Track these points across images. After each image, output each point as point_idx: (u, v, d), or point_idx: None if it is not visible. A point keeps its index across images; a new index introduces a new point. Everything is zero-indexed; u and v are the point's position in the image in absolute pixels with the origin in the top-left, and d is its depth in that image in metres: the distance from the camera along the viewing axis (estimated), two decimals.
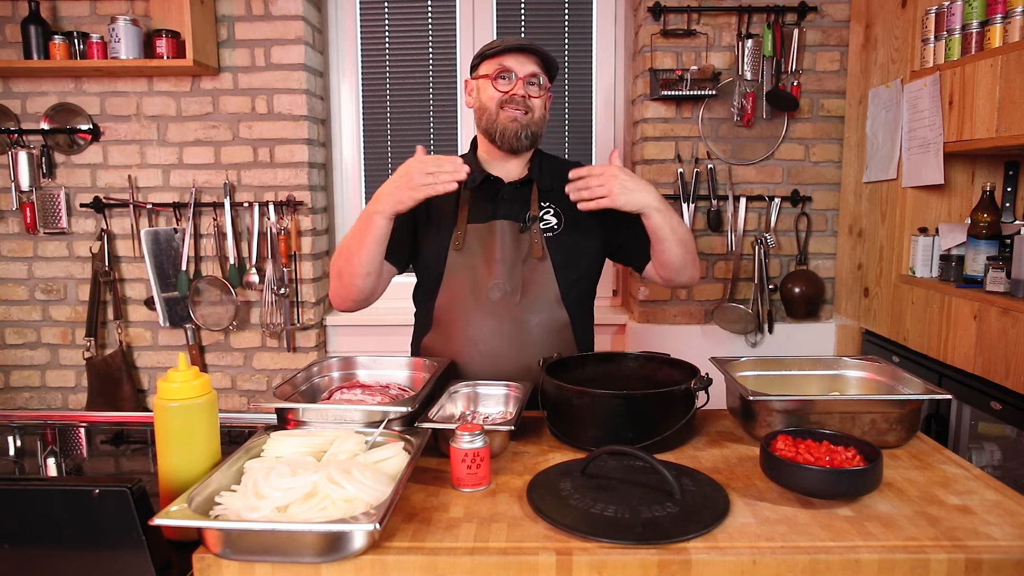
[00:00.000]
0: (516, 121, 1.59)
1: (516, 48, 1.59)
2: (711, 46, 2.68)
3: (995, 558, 0.92)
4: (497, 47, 1.60)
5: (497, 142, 1.63)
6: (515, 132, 1.60)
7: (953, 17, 2.08)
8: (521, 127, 1.60)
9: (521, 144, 1.62)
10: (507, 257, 1.61)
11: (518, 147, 1.63)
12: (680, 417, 1.26)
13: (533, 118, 1.61)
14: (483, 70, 1.62)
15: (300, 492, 0.94)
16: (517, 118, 1.59)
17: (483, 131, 1.66)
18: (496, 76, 1.59)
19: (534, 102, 1.60)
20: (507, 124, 1.60)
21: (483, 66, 1.63)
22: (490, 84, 1.60)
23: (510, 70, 1.58)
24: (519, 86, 1.58)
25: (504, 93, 1.59)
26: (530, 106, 1.60)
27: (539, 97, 1.61)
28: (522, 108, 1.59)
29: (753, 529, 0.98)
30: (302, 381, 1.45)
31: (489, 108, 1.61)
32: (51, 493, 0.93)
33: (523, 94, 1.59)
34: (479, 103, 1.64)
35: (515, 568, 0.92)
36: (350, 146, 3.02)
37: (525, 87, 1.59)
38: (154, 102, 2.73)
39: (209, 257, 2.80)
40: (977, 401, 1.98)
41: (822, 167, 2.76)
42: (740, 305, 2.74)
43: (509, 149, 1.64)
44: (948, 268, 2.20)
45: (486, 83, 1.61)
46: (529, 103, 1.59)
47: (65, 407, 2.87)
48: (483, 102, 1.63)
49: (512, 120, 1.59)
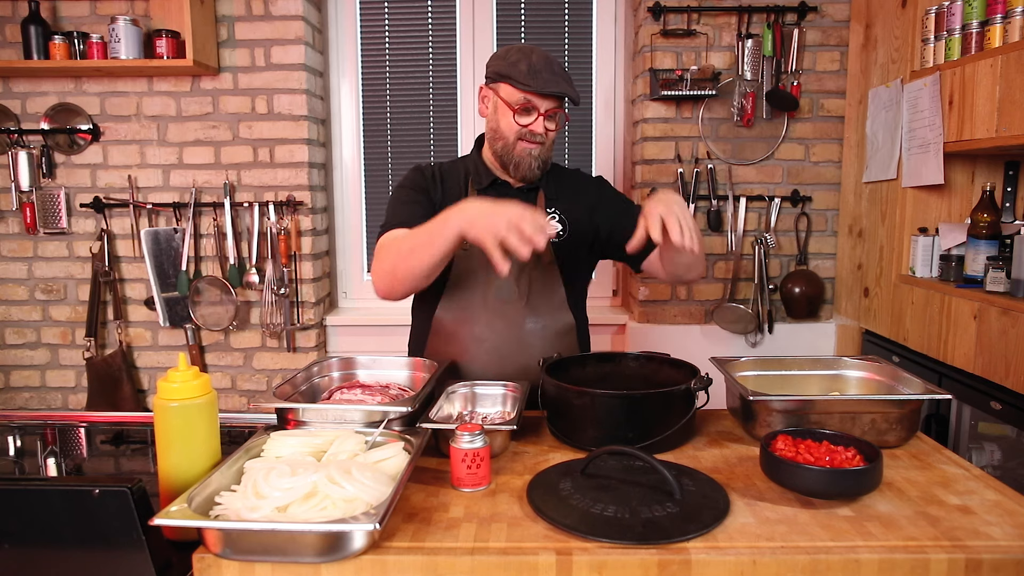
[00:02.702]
0: (530, 155, 1.58)
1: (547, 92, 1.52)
2: (711, 46, 2.68)
3: (995, 558, 0.92)
4: (528, 85, 1.51)
5: (511, 173, 1.63)
6: (528, 165, 1.59)
7: (953, 17, 2.08)
8: (534, 160, 1.59)
9: (534, 175, 1.62)
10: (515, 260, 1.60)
11: (532, 178, 1.63)
12: (680, 417, 1.26)
13: (545, 148, 1.60)
14: (504, 93, 1.56)
15: (300, 492, 0.94)
16: (532, 152, 1.58)
17: (495, 154, 1.63)
18: (520, 110, 1.54)
19: (550, 135, 1.59)
20: (522, 157, 1.58)
21: (505, 88, 1.55)
22: (510, 113, 1.55)
23: (534, 106, 1.54)
24: (539, 123, 1.55)
25: (524, 127, 1.56)
26: (545, 139, 1.58)
27: (555, 130, 1.60)
28: (537, 142, 1.57)
29: (753, 529, 0.98)
30: (302, 381, 1.45)
31: (507, 137, 1.58)
32: (51, 493, 0.93)
33: (542, 131, 1.56)
34: (496, 124, 1.60)
35: (515, 568, 0.92)
36: (350, 146, 3.02)
37: (544, 122, 1.56)
38: (154, 102, 2.73)
39: (209, 257, 2.80)
40: (977, 401, 1.98)
41: (822, 167, 2.76)
42: (740, 305, 2.74)
43: (522, 180, 1.64)
44: (948, 268, 2.20)
45: (506, 110, 1.56)
46: (545, 136, 1.58)
47: (65, 407, 2.87)
48: (500, 128, 1.59)
49: (527, 154, 1.58)
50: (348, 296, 3.09)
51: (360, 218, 3.05)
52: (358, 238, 3.07)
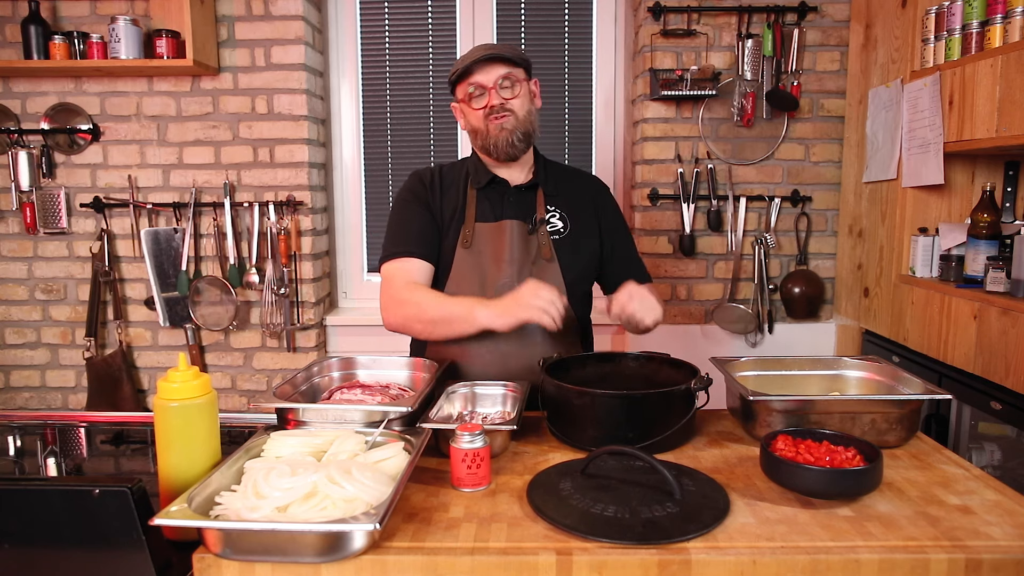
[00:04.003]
0: (504, 130, 1.60)
1: (478, 61, 1.58)
2: (711, 46, 2.68)
3: (995, 558, 0.92)
4: (459, 68, 1.60)
5: (494, 155, 1.64)
6: (506, 140, 1.61)
7: (953, 17, 2.08)
8: (509, 133, 1.60)
9: (516, 149, 1.63)
10: (516, 257, 1.62)
11: (514, 153, 1.64)
12: (680, 417, 1.26)
13: (518, 119, 1.61)
14: (459, 94, 1.64)
15: (300, 492, 0.94)
16: (503, 126, 1.60)
17: (480, 149, 1.68)
18: (470, 97, 1.60)
19: (513, 103, 1.60)
20: (497, 135, 1.61)
21: (458, 90, 1.64)
22: (469, 107, 1.61)
23: (480, 84, 1.59)
24: (493, 96, 1.59)
25: (483, 108, 1.59)
26: (510, 108, 1.60)
27: (516, 97, 1.61)
28: (504, 114, 1.59)
29: (753, 529, 0.98)
30: (302, 381, 1.45)
31: (479, 128, 1.63)
32: (51, 493, 0.93)
33: (499, 102, 1.59)
34: (469, 126, 1.66)
35: (515, 568, 0.92)
36: (350, 146, 3.02)
37: (498, 94, 1.59)
38: (154, 102, 2.73)
39: (209, 257, 2.80)
40: (977, 401, 1.98)
41: (822, 167, 2.76)
42: (740, 305, 2.74)
43: (507, 158, 1.65)
44: (948, 268, 2.20)
45: (467, 107, 1.63)
46: (508, 106, 1.59)
47: (65, 407, 2.87)
48: (472, 124, 1.64)
49: (500, 130, 1.60)
50: (348, 296, 3.09)
51: (360, 218, 3.05)
52: (358, 238, 3.07)
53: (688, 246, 2.74)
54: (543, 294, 1.42)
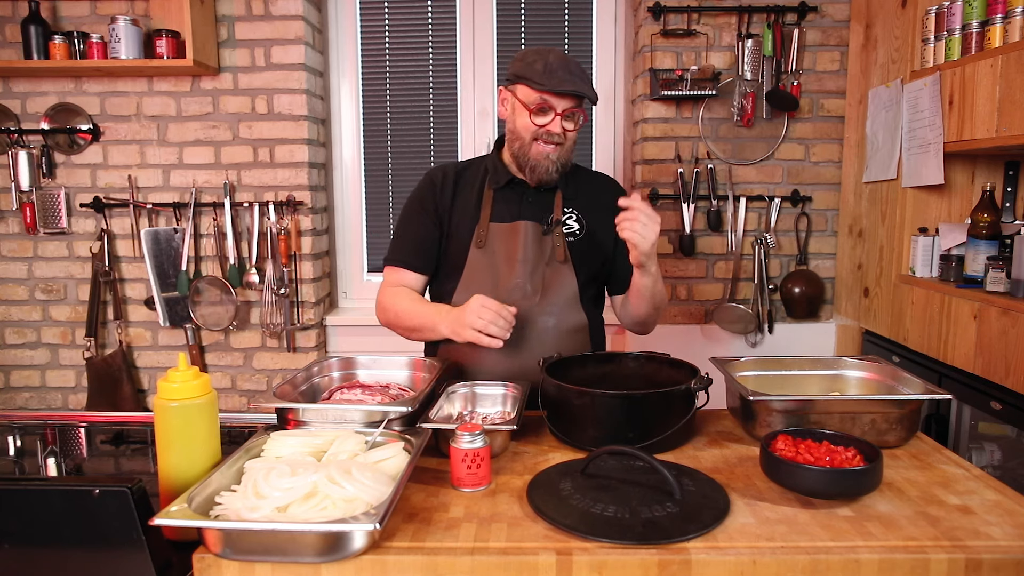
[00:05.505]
0: (547, 158, 1.57)
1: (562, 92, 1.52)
2: (711, 46, 2.68)
3: (995, 558, 0.92)
4: (543, 84, 1.51)
5: (527, 175, 1.62)
6: (545, 168, 1.59)
7: (953, 17, 2.08)
8: (551, 163, 1.58)
9: (551, 179, 1.61)
10: (529, 258, 1.62)
11: (548, 181, 1.62)
12: (680, 417, 1.26)
13: (564, 149, 1.59)
14: (521, 94, 1.56)
15: (300, 492, 0.94)
16: (548, 154, 1.57)
17: (513, 155, 1.64)
18: (536, 110, 1.54)
19: (569, 135, 1.58)
20: (538, 160, 1.58)
21: (522, 89, 1.56)
22: (527, 114, 1.56)
23: (551, 105, 1.54)
24: (556, 123, 1.55)
25: (540, 127, 1.55)
26: (564, 139, 1.57)
27: (574, 130, 1.59)
28: (555, 143, 1.56)
29: (753, 529, 0.98)
30: (302, 381, 1.45)
31: (523, 137, 1.58)
32: (51, 493, 0.93)
33: (559, 130, 1.55)
34: (513, 124, 1.61)
35: (515, 568, 0.92)
36: (350, 146, 3.02)
37: (562, 123, 1.55)
38: (154, 102, 2.73)
39: (209, 257, 2.80)
40: (977, 401, 1.98)
41: (822, 167, 2.76)
42: (740, 305, 2.74)
43: (538, 184, 1.63)
44: (948, 268, 2.20)
45: (523, 110, 1.56)
46: (564, 136, 1.57)
47: (65, 407, 2.87)
48: (517, 128, 1.59)
49: (544, 156, 1.57)
50: (348, 296, 3.09)
51: (360, 218, 3.05)
52: (358, 238, 3.06)
53: (688, 246, 2.74)
54: (485, 313, 1.43)
